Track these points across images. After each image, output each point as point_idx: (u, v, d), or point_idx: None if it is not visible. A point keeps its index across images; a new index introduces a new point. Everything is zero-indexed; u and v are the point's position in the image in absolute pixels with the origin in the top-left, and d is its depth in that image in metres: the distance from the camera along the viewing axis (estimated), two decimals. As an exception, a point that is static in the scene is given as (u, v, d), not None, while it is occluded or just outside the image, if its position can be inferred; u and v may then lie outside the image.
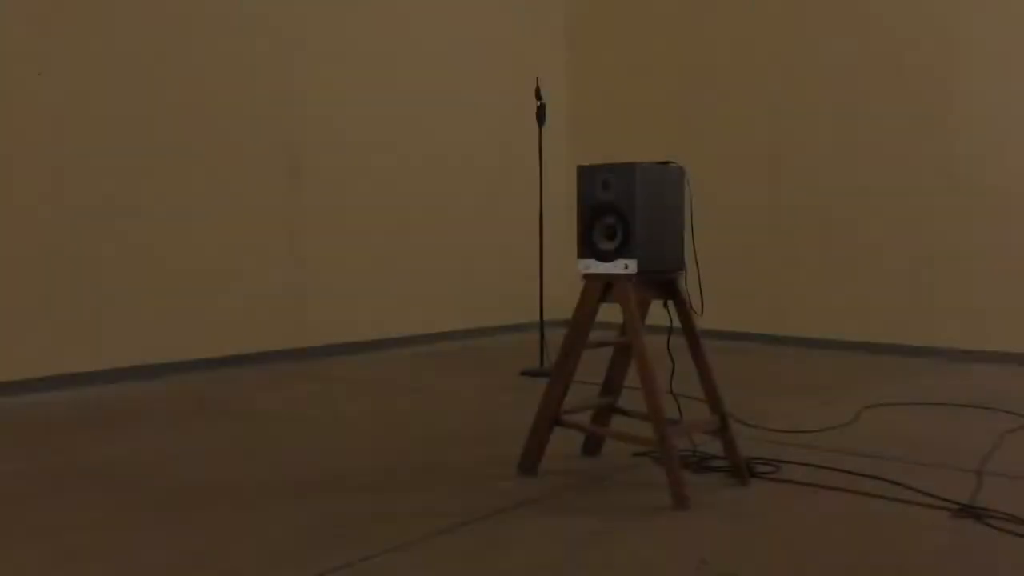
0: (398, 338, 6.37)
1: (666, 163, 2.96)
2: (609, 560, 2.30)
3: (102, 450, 3.51)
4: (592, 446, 3.32)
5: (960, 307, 5.59)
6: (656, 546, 2.40)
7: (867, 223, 5.82)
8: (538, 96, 5.41)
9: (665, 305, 3.07)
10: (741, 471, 2.97)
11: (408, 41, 6.42)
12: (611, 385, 3.22)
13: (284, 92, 5.70)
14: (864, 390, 4.60)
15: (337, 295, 6.00)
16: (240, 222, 5.51)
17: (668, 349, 3.09)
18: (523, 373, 5.17)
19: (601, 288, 2.93)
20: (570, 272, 3.42)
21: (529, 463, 3.08)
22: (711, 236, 2.94)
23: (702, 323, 3.05)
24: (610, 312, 3.01)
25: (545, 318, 5.42)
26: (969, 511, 2.64)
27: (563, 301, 6.84)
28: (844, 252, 5.97)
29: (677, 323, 3.04)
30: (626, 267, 2.86)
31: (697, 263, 3.04)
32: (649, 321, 3.05)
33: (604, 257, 2.90)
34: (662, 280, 3.00)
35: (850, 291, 5.97)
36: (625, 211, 2.84)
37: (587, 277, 2.96)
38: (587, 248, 2.92)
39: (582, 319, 2.98)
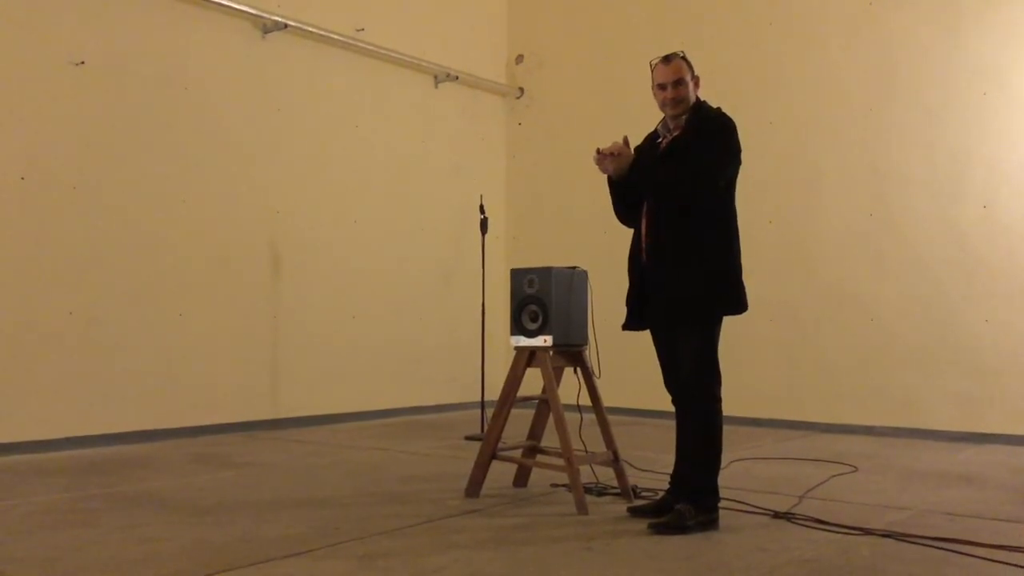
0: (358, 412, 7.34)
1: (574, 268, 4.15)
2: (529, 538, 3.37)
3: (136, 485, 4.46)
4: (520, 479, 4.38)
5: (825, 387, 6.85)
6: (561, 530, 3.48)
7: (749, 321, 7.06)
8: (482, 211, 6.61)
9: (575, 371, 4.20)
10: (628, 492, 4.06)
11: (374, 162, 7.61)
12: (535, 431, 4.31)
13: (270, 204, 6.79)
14: (740, 450, 5.73)
15: (306, 375, 6.99)
16: (229, 315, 6.51)
17: (578, 405, 4.19)
18: (467, 438, 6.20)
19: (527, 356, 4.06)
20: (506, 351, 4.51)
21: (473, 488, 4.14)
22: (615, 320, 4.06)
23: (610, 400, 4.18)
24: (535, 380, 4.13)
25: (486, 397, 6.47)
26: (782, 515, 3.78)
27: (501, 383, 7.92)
28: (731, 343, 7.18)
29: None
30: (545, 341, 4.00)
31: (596, 339, 4.19)
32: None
33: (529, 334, 4.04)
34: (571, 352, 4.14)
35: (736, 373, 7.15)
36: (544, 301, 4.00)
37: (517, 349, 4.09)
38: (517, 327, 4.07)
39: (514, 378, 4.10)
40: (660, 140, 3.76)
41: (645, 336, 3.84)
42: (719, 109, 3.71)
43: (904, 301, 6.60)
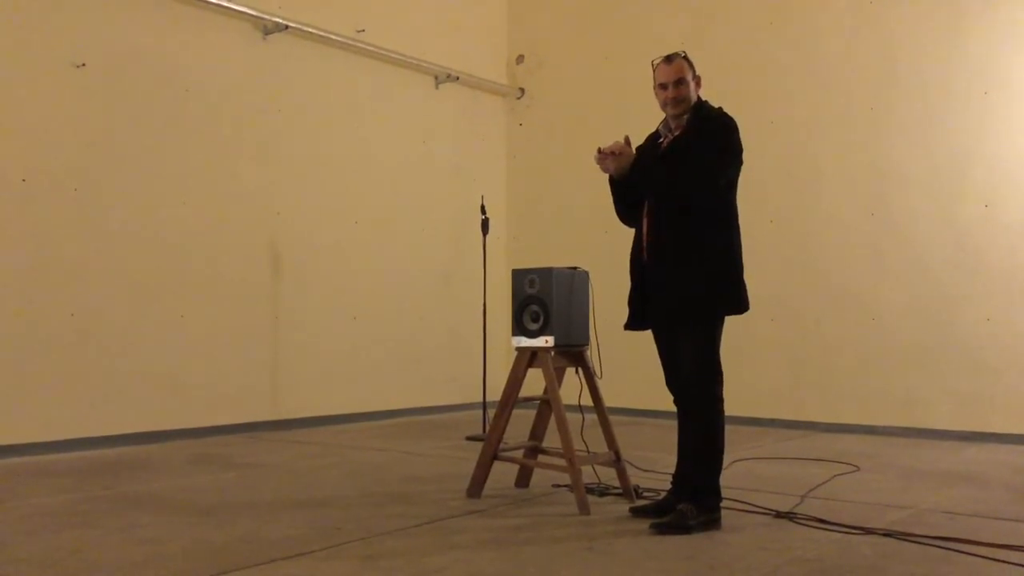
0: (359, 413, 7.34)
1: (575, 268, 4.15)
2: (531, 538, 3.37)
3: (137, 487, 4.46)
4: (522, 479, 4.38)
5: (826, 386, 6.85)
6: (563, 530, 3.48)
7: (750, 321, 7.06)
8: (483, 211, 6.61)
9: (576, 371, 4.20)
10: (629, 493, 4.06)
11: (374, 163, 7.61)
12: (536, 431, 4.31)
13: (270, 205, 6.79)
14: (742, 450, 5.72)
15: (308, 376, 6.99)
16: (230, 316, 6.51)
17: (579, 405, 4.19)
18: (468, 438, 6.20)
19: (528, 357, 4.06)
20: (507, 352, 4.50)
21: (475, 489, 4.14)
22: (616, 321, 4.05)
23: (612, 400, 4.17)
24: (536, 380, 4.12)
25: (487, 398, 6.45)
26: (784, 515, 3.78)
27: (502, 384, 7.92)
28: (732, 343, 7.19)
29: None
30: (546, 342, 4.00)
31: (597, 339, 4.18)
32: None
33: (531, 335, 4.04)
34: (573, 352, 4.14)
35: (738, 373, 7.16)
36: (546, 301, 4.00)
37: (518, 349, 4.09)
38: (518, 328, 4.07)
39: (515, 379, 4.09)
40: (661, 140, 3.76)
41: (646, 336, 3.84)
42: (720, 109, 3.71)
43: (905, 300, 6.59)
